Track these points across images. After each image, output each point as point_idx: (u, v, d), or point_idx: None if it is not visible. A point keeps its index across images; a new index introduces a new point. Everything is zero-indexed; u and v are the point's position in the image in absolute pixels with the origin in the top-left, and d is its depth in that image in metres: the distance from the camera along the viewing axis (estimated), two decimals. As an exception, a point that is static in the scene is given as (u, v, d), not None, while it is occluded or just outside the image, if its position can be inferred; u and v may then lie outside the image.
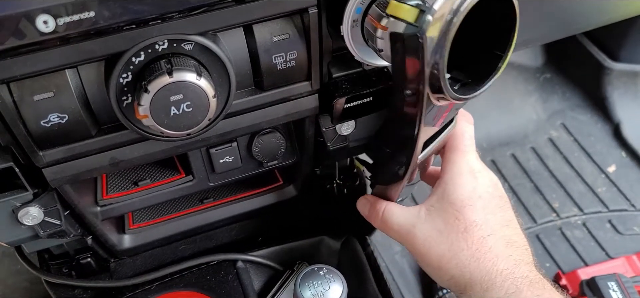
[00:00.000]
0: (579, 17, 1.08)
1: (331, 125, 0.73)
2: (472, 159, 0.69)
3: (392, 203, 0.72)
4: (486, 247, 0.63)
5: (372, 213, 0.73)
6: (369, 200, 0.75)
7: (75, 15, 0.47)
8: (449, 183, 0.67)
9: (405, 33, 0.50)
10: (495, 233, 0.65)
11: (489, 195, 0.67)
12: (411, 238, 0.67)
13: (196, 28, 0.54)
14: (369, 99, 0.67)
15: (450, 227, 0.65)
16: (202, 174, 0.77)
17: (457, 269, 0.64)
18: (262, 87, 0.62)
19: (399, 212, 0.70)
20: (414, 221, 0.68)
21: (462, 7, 0.48)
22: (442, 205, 0.66)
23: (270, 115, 0.66)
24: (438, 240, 0.65)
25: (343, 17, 0.56)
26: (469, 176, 0.67)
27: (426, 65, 0.51)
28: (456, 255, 0.64)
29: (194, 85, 0.52)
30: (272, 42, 0.59)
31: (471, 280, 0.63)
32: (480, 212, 0.65)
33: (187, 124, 0.55)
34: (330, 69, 0.65)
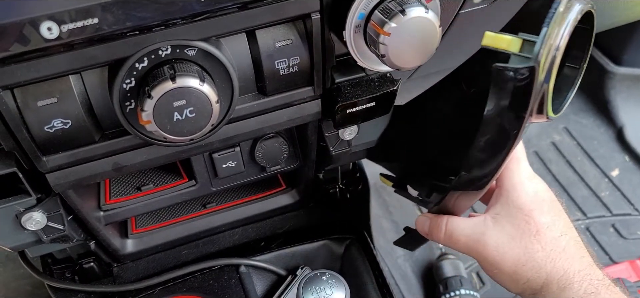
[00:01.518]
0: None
1: (334, 131, 0.73)
2: (527, 166, 0.72)
3: (454, 217, 0.73)
4: (560, 248, 0.66)
5: (434, 229, 0.75)
6: (428, 217, 0.76)
7: (79, 22, 0.47)
8: (511, 190, 0.69)
9: (515, 66, 0.53)
10: (565, 234, 0.67)
11: (550, 199, 0.70)
12: (482, 246, 0.68)
13: (199, 34, 0.54)
14: (372, 104, 0.67)
15: (522, 231, 0.66)
16: (204, 179, 0.77)
17: (533, 271, 0.65)
18: (265, 92, 0.62)
19: (463, 223, 0.71)
20: (481, 229, 0.69)
21: (565, 32, 0.50)
22: (509, 211, 0.68)
23: (273, 121, 0.66)
24: (511, 244, 0.67)
25: (345, 23, 0.56)
26: (528, 181, 0.70)
27: (535, 91, 0.53)
28: (532, 257, 0.65)
29: (197, 90, 0.52)
30: (275, 48, 0.59)
31: (547, 281, 0.65)
32: (547, 214, 0.68)
33: (190, 130, 0.55)
34: (333, 74, 0.65)
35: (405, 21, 0.53)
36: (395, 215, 1.42)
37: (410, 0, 0.54)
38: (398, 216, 1.42)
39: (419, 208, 1.44)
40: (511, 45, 0.54)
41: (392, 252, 1.33)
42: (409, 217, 1.42)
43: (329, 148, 0.74)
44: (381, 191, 1.46)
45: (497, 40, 0.55)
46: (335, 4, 0.57)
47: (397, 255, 1.33)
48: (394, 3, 0.54)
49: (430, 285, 1.28)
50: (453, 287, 1.22)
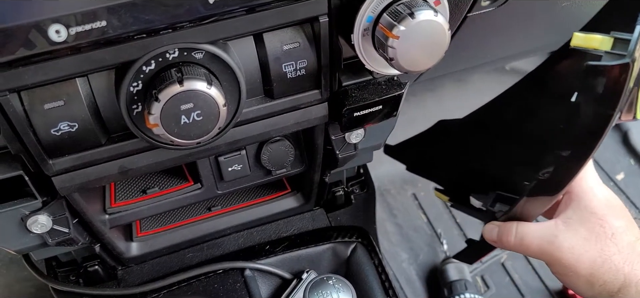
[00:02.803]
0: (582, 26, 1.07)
1: (340, 134, 0.73)
2: (594, 172, 0.73)
3: (524, 223, 0.74)
4: (636, 252, 0.67)
5: (503, 236, 0.75)
6: (496, 225, 0.77)
7: (87, 25, 0.47)
8: (583, 195, 0.70)
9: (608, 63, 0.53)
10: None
11: (620, 205, 0.71)
12: (556, 249, 0.69)
13: (206, 37, 0.54)
14: (379, 108, 0.67)
15: (596, 234, 0.67)
16: (210, 182, 0.77)
17: (610, 274, 0.66)
18: (272, 95, 0.62)
19: (534, 228, 0.72)
20: (554, 232, 0.70)
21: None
22: (582, 215, 0.69)
23: (280, 124, 0.65)
24: (586, 247, 0.67)
25: (354, 26, 0.55)
26: (599, 187, 0.71)
27: (627, 89, 0.54)
28: (608, 259, 0.66)
29: (204, 94, 0.52)
30: (282, 51, 0.58)
31: (625, 283, 0.65)
32: (621, 219, 0.69)
33: (197, 133, 0.54)
34: (340, 77, 0.65)
35: (414, 24, 0.52)
36: (399, 218, 1.42)
37: (419, 3, 0.53)
38: (402, 219, 1.42)
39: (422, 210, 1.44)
40: (603, 43, 0.55)
41: (396, 256, 1.33)
42: (412, 220, 1.42)
43: (335, 151, 0.74)
44: (385, 194, 1.46)
45: (588, 40, 0.57)
46: (343, 7, 0.57)
47: (402, 258, 1.33)
48: (402, 6, 0.53)
49: (435, 289, 1.28)
50: (458, 291, 1.22)
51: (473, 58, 0.95)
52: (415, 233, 1.39)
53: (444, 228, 1.39)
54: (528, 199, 0.74)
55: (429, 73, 0.90)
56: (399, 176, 1.48)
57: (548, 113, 0.73)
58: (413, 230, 1.40)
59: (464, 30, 0.75)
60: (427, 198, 1.46)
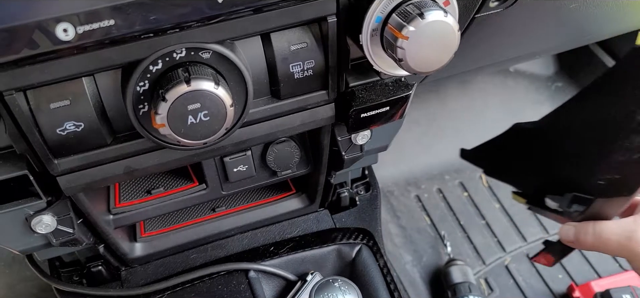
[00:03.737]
0: (590, 28, 1.07)
1: (346, 135, 0.72)
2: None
3: (600, 221, 0.75)
4: None
5: (580, 235, 0.76)
6: (572, 225, 0.78)
7: (95, 24, 0.47)
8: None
9: None
10: None
11: None
12: (635, 245, 0.70)
13: (214, 36, 0.54)
14: (386, 109, 0.67)
15: None
16: (215, 183, 0.76)
17: None
18: (279, 96, 0.61)
19: (611, 225, 0.73)
20: (633, 228, 0.71)
21: None
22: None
23: (287, 125, 0.65)
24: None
25: (362, 26, 0.55)
26: None
27: None
28: None
29: (211, 94, 0.51)
30: (289, 51, 0.58)
31: None
32: None
33: (204, 133, 0.54)
34: (347, 77, 0.65)
35: (424, 25, 0.52)
36: (403, 220, 1.41)
37: (429, 3, 0.53)
38: (405, 221, 1.41)
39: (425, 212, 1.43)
40: None
41: (399, 258, 1.32)
42: (416, 222, 1.41)
43: (341, 152, 0.74)
44: (388, 196, 1.45)
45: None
46: (352, 7, 0.56)
47: (405, 260, 1.32)
48: (412, 6, 0.53)
49: (438, 291, 1.27)
50: (462, 293, 1.21)
51: (480, 59, 0.94)
52: (419, 235, 1.38)
53: (448, 230, 1.39)
54: (604, 200, 0.74)
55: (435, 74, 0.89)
56: (403, 177, 1.48)
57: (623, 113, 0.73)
58: (417, 232, 1.39)
59: (472, 31, 0.75)
60: (430, 200, 1.45)
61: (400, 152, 1.50)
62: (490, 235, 1.39)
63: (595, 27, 1.09)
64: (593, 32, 1.14)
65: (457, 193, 1.47)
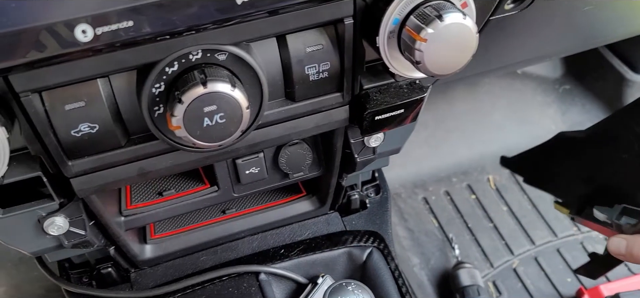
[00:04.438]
0: (601, 30, 1.06)
1: (360, 137, 0.72)
2: None
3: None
4: None
5: (633, 249, 0.76)
6: (623, 237, 0.77)
7: (114, 25, 0.46)
8: None
9: None
10: None
11: None
12: None
13: (230, 38, 0.53)
14: (401, 111, 0.66)
15: None
16: (227, 185, 0.76)
17: None
18: (294, 98, 0.61)
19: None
20: None
21: None
22: None
23: (301, 127, 0.64)
24: None
25: (379, 29, 0.55)
26: None
27: None
28: None
29: (228, 96, 0.51)
30: (305, 53, 0.58)
31: None
32: None
33: (219, 135, 0.54)
34: (362, 80, 0.64)
35: (443, 27, 0.51)
36: (410, 222, 1.41)
37: (447, 5, 0.52)
38: (413, 223, 1.41)
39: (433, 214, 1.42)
40: None
41: (407, 260, 1.32)
42: (424, 225, 1.41)
43: (354, 155, 0.73)
44: (396, 198, 1.45)
45: None
46: (369, 9, 0.56)
47: (413, 263, 1.32)
48: (430, 8, 0.52)
49: (446, 294, 1.27)
50: (470, 296, 1.21)
51: (492, 62, 0.93)
52: (427, 238, 1.38)
53: (456, 233, 1.38)
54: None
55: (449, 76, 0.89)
56: (410, 180, 1.48)
57: None
58: (424, 234, 1.39)
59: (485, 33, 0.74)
60: (438, 203, 1.45)
61: (408, 154, 1.49)
62: (498, 238, 1.39)
63: (606, 29, 1.08)
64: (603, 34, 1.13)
65: (464, 196, 1.46)
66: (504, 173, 1.49)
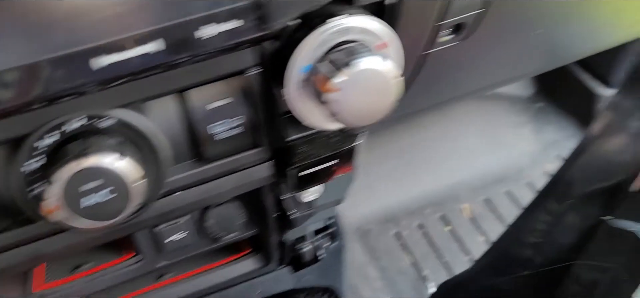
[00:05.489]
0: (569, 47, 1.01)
1: (291, 194, 0.64)
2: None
3: None
4: None
5: None
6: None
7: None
8: None
9: None
10: None
11: None
12: None
13: (118, 100, 0.46)
14: (333, 162, 0.59)
15: None
16: (151, 253, 0.68)
17: None
18: (204, 159, 0.53)
19: None
20: None
21: None
22: None
23: (217, 189, 0.57)
24: None
25: (287, 78, 0.47)
26: None
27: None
28: None
29: (112, 169, 0.44)
30: (211, 109, 0.50)
31: None
32: None
33: (109, 213, 0.46)
34: (286, 130, 0.57)
35: (356, 73, 0.44)
36: (383, 260, 1.32)
37: (360, 49, 0.45)
38: (386, 261, 1.33)
39: (406, 250, 1.34)
40: None
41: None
42: (397, 262, 1.33)
43: (287, 213, 0.66)
44: (366, 236, 1.36)
45: None
46: (276, 56, 0.49)
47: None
48: (342, 53, 0.45)
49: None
50: (447, 340, 1.12)
51: (445, 92, 0.87)
52: (400, 276, 1.30)
53: (431, 269, 1.30)
54: None
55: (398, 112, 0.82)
56: (381, 214, 1.40)
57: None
58: (397, 272, 1.30)
59: (431, 66, 0.68)
60: (411, 237, 1.37)
61: (377, 187, 1.42)
62: (476, 271, 1.31)
63: (571, 47, 1.03)
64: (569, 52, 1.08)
65: (439, 228, 1.39)
66: (479, 200, 1.42)
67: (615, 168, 0.82)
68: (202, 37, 0.42)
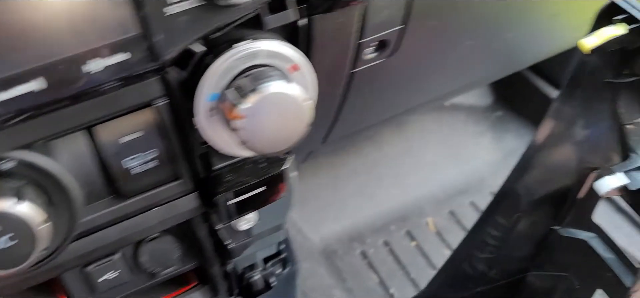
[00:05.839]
0: (520, 53, 1.02)
1: (224, 224, 0.62)
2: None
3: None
4: None
5: None
6: None
7: None
8: None
9: None
10: None
11: None
12: None
13: (20, 140, 0.44)
14: (261, 189, 0.57)
15: None
16: (83, 294, 0.65)
17: None
18: (122, 195, 0.51)
19: None
20: None
21: None
22: None
23: (142, 225, 0.55)
24: None
25: (196, 107, 0.46)
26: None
27: None
28: None
29: (10, 214, 0.42)
30: (123, 143, 0.49)
31: None
32: None
33: (14, 260, 0.44)
34: (212, 158, 0.55)
35: (262, 98, 0.43)
36: (349, 282, 1.30)
37: (267, 73, 0.44)
38: (353, 283, 1.30)
39: (373, 269, 1.33)
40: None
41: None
42: (364, 282, 1.31)
43: (224, 243, 0.64)
44: (332, 257, 1.34)
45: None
46: (186, 85, 0.47)
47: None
48: (248, 79, 0.44)
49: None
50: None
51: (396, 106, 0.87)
52: (368, 297, 1.28)
53: (398, 287, 1.29)
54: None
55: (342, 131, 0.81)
56: (346, 234, 1.38)
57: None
58: (365, 293, 1.28)
59: (364, 83, 0.67)
60: (377, 255, 1.35)
61: (341, 207, 1.40)
62: (443, 285, 1.30)
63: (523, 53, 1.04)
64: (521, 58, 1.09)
65: (404, 244, 1.37)
66: (443, 213, 1.41)
67: (562, 176, 0.82)
68: (90, 72, 0.41)
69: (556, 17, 0.85)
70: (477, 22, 0.70)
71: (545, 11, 0.81)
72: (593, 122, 0.80)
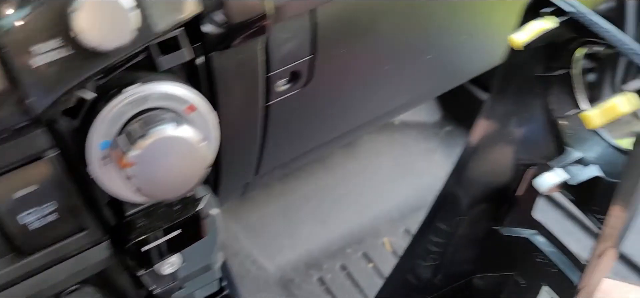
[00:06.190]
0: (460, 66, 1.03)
1: (146, 270, 0.60)
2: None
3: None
4: None
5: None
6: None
7: None
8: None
9: None
10: None
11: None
12: None
13: None
14: (177, 232, 0.56)
15: None
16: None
17: None
18: (23, 252, 0.49)
19: None
20: None
21: None
22: None
23: (50, 280, 0.52)
24: None
25: (87, 157, 0.44)
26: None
27: None
28: None
29: None
30: (17, 199, 0.46)
31: None
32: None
33: None
34: (123, 206, 0.54)
35: (152, 143, 0.42)
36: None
37: (158, 116, 0.43)
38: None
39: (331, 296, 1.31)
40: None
41: None
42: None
43: (149, 289, 0.61)
44: (289, 286, 1.32)
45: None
46: (78, 133, 0.46)
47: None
48: (138, 124, 0.43)
49: None
50: None
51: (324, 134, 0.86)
52: (326, 324, 1.26)
53: (356, 311, 1.27)
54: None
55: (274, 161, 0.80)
56: (302, 261, 1.36)
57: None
58: (323, 320, 1.27)
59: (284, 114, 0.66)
60: (335, 281, 1.34)
61: (295, 234, 1.39)
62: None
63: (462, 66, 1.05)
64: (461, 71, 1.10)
65: (361, 266, 1.36)
66: (399, 232, 1.41)
67: (499, 176, 0.82)
68: (-43, 131, 0.39)
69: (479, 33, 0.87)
70: (392, 47, 0.70)
71: (465, 29, 0.83)
72: (526, 119, 0.79)
